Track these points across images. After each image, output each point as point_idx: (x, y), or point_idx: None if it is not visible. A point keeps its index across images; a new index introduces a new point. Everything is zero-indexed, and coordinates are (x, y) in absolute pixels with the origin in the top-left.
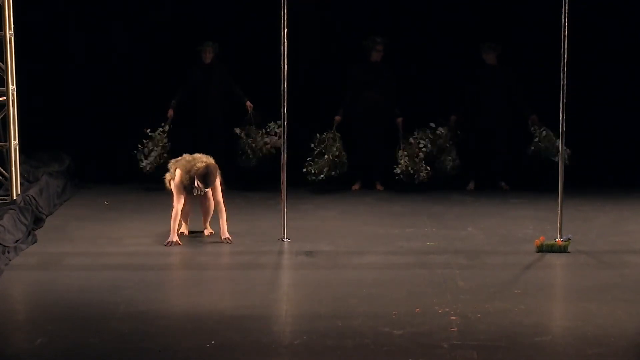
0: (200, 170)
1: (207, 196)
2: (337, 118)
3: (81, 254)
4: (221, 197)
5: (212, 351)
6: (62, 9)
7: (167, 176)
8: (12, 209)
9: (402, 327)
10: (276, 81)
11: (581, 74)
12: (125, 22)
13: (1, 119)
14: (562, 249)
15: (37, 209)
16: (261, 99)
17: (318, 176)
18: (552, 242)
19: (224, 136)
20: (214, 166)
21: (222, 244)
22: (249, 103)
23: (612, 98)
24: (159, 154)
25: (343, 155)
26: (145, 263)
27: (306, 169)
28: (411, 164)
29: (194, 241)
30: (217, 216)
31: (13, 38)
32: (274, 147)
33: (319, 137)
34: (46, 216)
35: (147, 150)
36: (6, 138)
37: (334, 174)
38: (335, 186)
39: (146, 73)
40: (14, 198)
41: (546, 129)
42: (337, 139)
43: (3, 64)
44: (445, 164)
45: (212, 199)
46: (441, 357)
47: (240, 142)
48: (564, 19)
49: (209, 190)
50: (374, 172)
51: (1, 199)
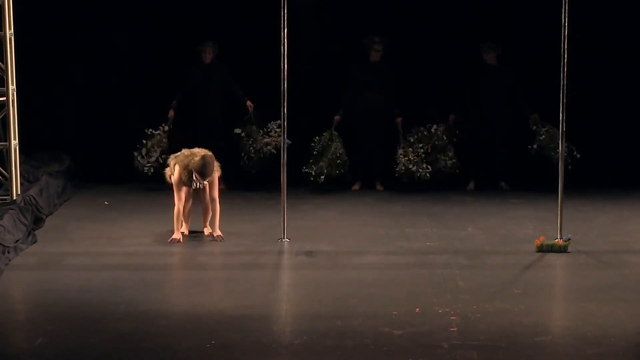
0: (196, 162)
1: (206, 194)
2: (337, 118)
3: (81, 254)
4: (217, 194)
5: (212, 351)
6: (62, 9)
7: (167, 171)
8: (12, 209)
9: (402, 327)
10: (276, 81)
11: (581, 74)
12: (125, 22)
13: (1, 119)
14: (562, 249)
15: (37, 209)
16: (261, 99)
17: (317, 177)
18: (552, 242)
19: (224, 136)
20: (210, 157)
21: (222, 244)
22: (249, 103)
23: (612, 98)
24: (159, 156)
25: (342, 154)
26: (145, 263)
27: (306, 169)
28: (412, 163)
29: (194, 241)
30: (212, 212)
31: (13, 38)
32: (277, 147)
33: (317, 138)
34: (46, 216)
35: (146, 150)
36: (6, 138)
37: (337, 173)
38: (335, 186)
39: (146, 73)
40: (14, 198)
41: (550, 126)
42: (335, 138)
43: (3, 64)
44: (440, 163)
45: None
46: (441, 357)
47: (240, 142)
48: (564, 19)
49: (207, 185)
50: (374, 172)
51: (1, 199)
